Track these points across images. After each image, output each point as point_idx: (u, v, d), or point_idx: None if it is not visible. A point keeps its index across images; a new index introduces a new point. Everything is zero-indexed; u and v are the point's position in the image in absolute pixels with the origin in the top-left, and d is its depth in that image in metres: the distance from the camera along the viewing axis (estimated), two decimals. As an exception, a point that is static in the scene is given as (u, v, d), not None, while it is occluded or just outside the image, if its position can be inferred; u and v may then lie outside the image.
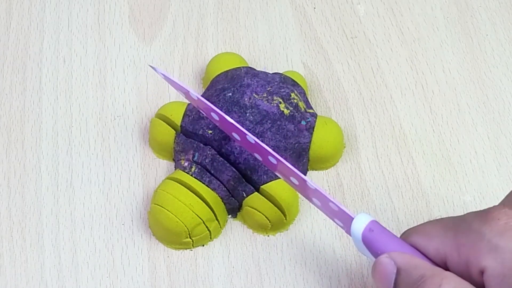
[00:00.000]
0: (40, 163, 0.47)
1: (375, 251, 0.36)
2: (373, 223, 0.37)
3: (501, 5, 0.54)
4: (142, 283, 0.43)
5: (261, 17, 0.53)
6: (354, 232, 0.37)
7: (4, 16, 0.53)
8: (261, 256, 0.44)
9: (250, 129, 0.44)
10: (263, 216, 0.43)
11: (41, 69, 0.51)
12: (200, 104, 0.41)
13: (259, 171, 0.43)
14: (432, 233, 0.35)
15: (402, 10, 0.54)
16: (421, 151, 0.47)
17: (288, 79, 0.47)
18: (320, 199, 0.38)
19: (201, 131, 0.44)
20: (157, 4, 0.54)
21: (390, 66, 0.51)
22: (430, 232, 0.36)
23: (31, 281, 0.43)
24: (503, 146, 0.48)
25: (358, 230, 0.36)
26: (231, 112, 0.44)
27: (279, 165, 0.39)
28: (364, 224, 0.36)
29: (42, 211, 0.45)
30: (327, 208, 0.38)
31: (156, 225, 0.44)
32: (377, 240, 0.36)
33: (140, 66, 0.51)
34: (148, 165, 0.47)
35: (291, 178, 0.39)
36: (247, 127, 0.44)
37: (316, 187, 0.38)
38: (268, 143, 0.44)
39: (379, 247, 0.36)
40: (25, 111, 0.49)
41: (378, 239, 0.36)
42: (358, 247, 0.37)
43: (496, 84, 0.50)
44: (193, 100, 0.42)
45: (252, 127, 0.44)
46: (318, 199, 0.38)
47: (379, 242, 0.36)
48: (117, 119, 0.49)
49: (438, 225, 0.36)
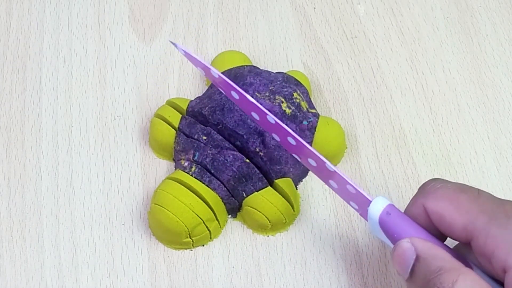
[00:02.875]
0: (40, 163, 0.47)
1: (391, 235, 0.36)
2: (390, 206, 0.37)
3: (501, 5, 0.54)
4: (142, 283, 0.43)
5: (261, 17, 0.53)
6: (371, 215, 0.37)
7: (4, 16, 0.53)
8: (261, 256, 0.44)
9: (251, 127, 0.44)
10: (263, 216, 0.43)
11: (41, 69, 0.51)
12: (221, 82, 0.41)
13: (254, 178, 0.43)
14: (463, 206, 0.35)
15: (402, 10, 0.54)
16: (421, 151, 0.47)
17: (291, 79, 0.47)
18: (337, 181, 0.38)
19: (196, 136, 0.44)
20: (157, 4, 0.54)
21: (390, 66, 0.51)
22: (462, 204, 0.35)
23: (31, 281, 0.43)
24: (503, 146, 0.48)
25: (376, 213, 0.37)
26: (233, 110, 0.44)
27: (298, 146, 0.39)
28: (381, 207, 0.37)
29: (42, 211, 0.45)
30: (344, 191, 0.38)
31: (156, 225, 0.44)
32: (394, 223, 0.36)
33: (140, 66, 0.51)
34: (148, 165, 0.47)
35: (309, 160, 0.39)
36: (248, 125, 0.44)
37: (335, 169, 0.38)
38: (269, 142, 0.44)
39: (396, 231, 0.36)
40: (25, 111, 0.49)
41: (395, 223, 0.36)
42: (373, 230, 0.37)
43: (496, 84, 0.50)
44: (214, 78, 0.41)
45: (254, 125, 0.44)
46: (336, 181, 0.39)
47: (396, 226, 0.36)
48: (117, 119, 0.49)
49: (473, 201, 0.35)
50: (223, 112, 0.44)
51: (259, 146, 0.43)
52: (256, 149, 0.43)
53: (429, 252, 0.35)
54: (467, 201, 0.35)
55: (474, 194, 0.35)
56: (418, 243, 0.35)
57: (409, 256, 0.35)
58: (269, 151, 0.44)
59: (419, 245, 0.35)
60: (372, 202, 0.37)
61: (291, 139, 0.39)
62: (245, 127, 0.44)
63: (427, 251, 0.35)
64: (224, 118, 0.44)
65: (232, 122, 0.44)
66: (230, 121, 0.44)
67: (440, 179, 0.37)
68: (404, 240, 0.35)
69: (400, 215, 0.37)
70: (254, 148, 0.43)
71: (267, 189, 0.44)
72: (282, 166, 0.44)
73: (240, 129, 0.43)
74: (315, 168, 0.39)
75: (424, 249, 0.35)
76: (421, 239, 0.35)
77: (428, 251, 0.35)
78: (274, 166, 0.44)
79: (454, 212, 0.35)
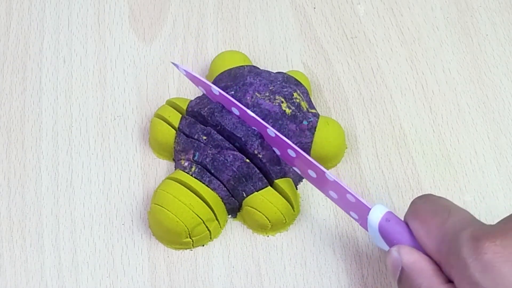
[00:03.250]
0: (40, 163, 0.47)
1: (391, 241, 0.37)
2: (389, 213, 0.38)
3: (501, 5, 0.54)
4: (142, 283, 0.43)
5: (261, 17, 0.53)
6: (371, 222, 0.38)
7: (4, 16, 0.53)
8: (261, 256, 0.44)
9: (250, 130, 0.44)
10: (263, 216, 0.43)
11: (41, 69, 0.51)
12: (222, 99, 0.42)
13: (254, 178, 0.43)
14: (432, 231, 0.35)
15: (402, 10, 0.54)
16: (421, 151, 0.47)
17: (291, 79, 0.47)
18: (337, 191, 0.39)
19: (196, 136, 0.44)
20: (157, 4, 0.54)
21: (390, 66, 0.51)
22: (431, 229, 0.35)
23: (31, 281, 0.43)
24: (503, 146, 0.48)
25: (375, 219, 0.37)
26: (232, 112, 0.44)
27: (298, 157, 0.40)
28: (381, 214, 0.37)
29: (42, 211, 0.45)
30: (344, 200, 0.39)
31: (156, 225, 0.44)
32: (393, 230, 0.37)
33: (140, 66, 0.51)
34: (148, 165, 0.47)
35: (309, 171, 0.40)
36: (246, 127, 0.44)
37: (335, 179, 0.39)
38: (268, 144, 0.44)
39: (395, 237, 0.37)
40: (25, 111, 0.49)
41: (394, 229, 0.37)
42: (373, 238, 0.38)
43: (496, 84, 0.50)
44: (215, 96, 0.43)
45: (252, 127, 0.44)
46: (335, 191, 0.40)
47: (395, 232, 0.37)
48: (117, 119, 0.49)
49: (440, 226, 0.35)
50: (221, 114, 0.44)
51: (257, 149, 0.43)
52: (255, 152, 0.43)
53: (412, 266, 0.35)
54: (435, 226, 0.35)
55: (444, 218, 0.35)
56: (404, 255, 0.35)
57: (396, 265, 0.36)
58: (268, 152, 0.43)
59: (405, 257, 0.35)
60: (372, 209, 0.38)
61: (291, 151, 0.40)
62: (243, 129, 0.43)
63: (411, 265, 0.35)
64: (223, 120, 0.44)
65: (231, 124, 0.44)
66: (228, 123, 0.44)
67: (426, 196, 0.38)
68: (393, 248, 0.36)
69: (399, 222, 0.37)
70: (253, 151, 0.43)
71: (267, 189, 0.44)
72: (282, 167, 0.44)
73: (238, 131, 0.43)
74: (315, 179, 0.41)
75: (408, 262, 0.35)
76: (409, 249, 0.36)
77: (411, 265, 0.35)
78: (274, 167, 0.44)
79: (424, 236, 0.36)
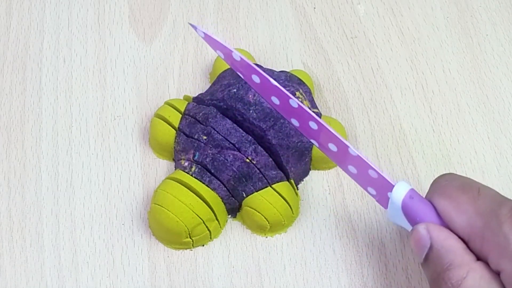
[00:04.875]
0: (40, 163, 0.47)
1: (413, 219, 0.36)
2: (412, 191, 0.37)
3: (501, 5, 0.54)
4: (142, 283, 0.43)
5: (261, 17, 0.53)
6: (393, 199, 0.37)
7: (4, 16, 0.53)
8: (261, 256, 0.44)
9: (252, 126, 0.44)
10: (262, 217, 0.43)
11: (41, 69, 0.51)
12: (242, 65, 0.40)
13: (254, 178, 0.43)
14: (462, 207, 0.35)
15: (402, 10, 0.54)
16: (421, 151, 0.47)
17: (294, 78, 0.47)
18: (358, 166, 0.38)
19: (196, 136, 0.44)
20: (157, 4, 0.54)
21: (390, 66, 0.51)
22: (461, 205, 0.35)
23: (31, 281, 0.43)
24: (503, 146, 0.48)
25: (399, 196, 0.37)
26: (235, 108, 0.44)
27: (321, 130, 0.39)
28: (404, 191, 0.37)
29: (42, 211, 0.45)
30: (364, 176, 0.38)
31: (156, 225, 0.44)
32: (417, 207, 0.36)
33: (140, 66, 0.51)
34: (148, 165, 0.47)
35: (329, 145, 0.39)
36: (250, 124, 0.44)
37: (359, 154, 0.38)
38: (270, 141, 0.44)
39: (418, 215, 0.36)
40: (25, 111, 0.49)
41: (418, 207, 0.36)
42: (393, 216, 0.37)
43: (496, 84, 0.50)
44: (234, 61, 0.41)
45: (255, 124, 0.44)
46: (356, 166, 0.39)
47: (419, 210, 0.36)
48: (117, 119, 0.49)
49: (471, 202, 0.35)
50: (215, 120, 0.44)
51: (251, 155, 0.43)
52: (249, 158, 0.43)
53: (442, 243, 0.35)
54: (465, 202, 0.35)
55: (474, 194, 0.35)
56: (433, 232, 0.35)
57: (424, 242, 0.35)
58: (263, 158, 0.43)
59: (434, 234, 0.35)
60: (396, 186, 0.37)
61: (313, 123, 0.39)
62: (237, 135, 0.43)
63: (441, 242, 0.35)
64: (216, 126, 0.44)
65: (224, 130, 0.44)
66: (222, 129, 0.43)
67: (449, 175, 0.38)
68: (421, 225, 0.36)
69: (422, 199, 0.37)
70: (246, 157, 0.43)
71: (267, 190, 0.43)
72: (277, 171, 0.44)
73: (232, 137, 0.43)
74: (334, 153, 0.39)
75: (438, 239, 0.35)
76: (437, 226, 0.35)
77: (441, 242, 0.35)
78: (270, 172, 0.44)
79: (453, 212, 0.35)
